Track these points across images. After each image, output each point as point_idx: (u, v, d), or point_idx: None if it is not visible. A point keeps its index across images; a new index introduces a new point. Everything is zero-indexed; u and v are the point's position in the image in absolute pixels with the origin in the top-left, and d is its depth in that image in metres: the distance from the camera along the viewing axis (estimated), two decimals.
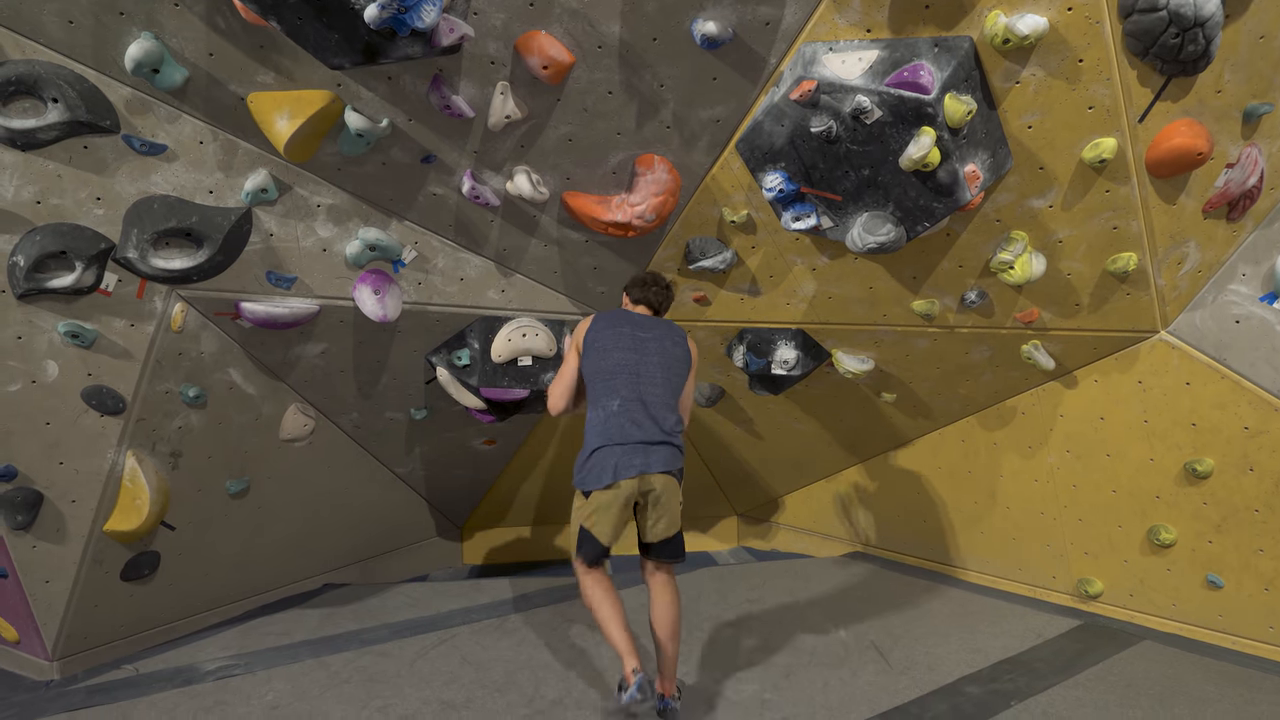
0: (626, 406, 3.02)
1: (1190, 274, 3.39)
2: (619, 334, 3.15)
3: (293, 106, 3.00)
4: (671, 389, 3.13)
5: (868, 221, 3.17)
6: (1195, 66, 2.73)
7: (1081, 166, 3.01)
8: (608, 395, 3.07)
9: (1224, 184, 3.13)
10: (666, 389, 3.11)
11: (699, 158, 3.32)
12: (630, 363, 3.09)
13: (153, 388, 3.46)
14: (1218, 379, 3.47)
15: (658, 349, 3.15)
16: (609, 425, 3.01)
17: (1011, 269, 3.31)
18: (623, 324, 3.19)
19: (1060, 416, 4.02)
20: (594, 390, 3.13)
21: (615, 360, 3.09)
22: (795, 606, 4.29)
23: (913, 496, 4.90)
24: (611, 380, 3.07)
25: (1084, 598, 4.18)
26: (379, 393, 4.27)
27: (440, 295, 3.80)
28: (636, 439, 2.98)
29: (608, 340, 3.14)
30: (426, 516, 5.59)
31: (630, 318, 3.24)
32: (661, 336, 3.19)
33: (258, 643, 3.94)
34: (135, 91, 2.94)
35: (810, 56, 2.91)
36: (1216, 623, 3.75)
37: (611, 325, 3.19)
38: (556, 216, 3.57)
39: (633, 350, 3.12)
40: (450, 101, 3.04)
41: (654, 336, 3.18)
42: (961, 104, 2.74)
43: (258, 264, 3.43)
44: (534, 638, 3.91)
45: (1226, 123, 2.98)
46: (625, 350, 3.12)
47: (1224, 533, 3.63)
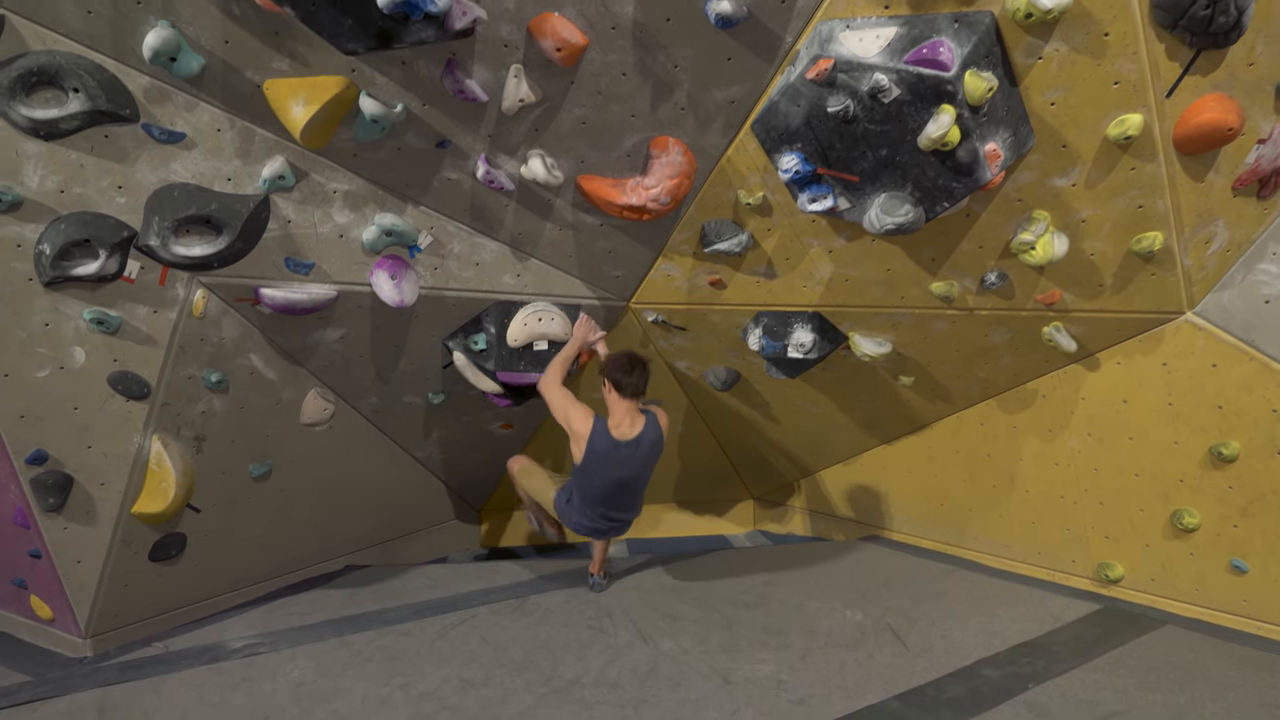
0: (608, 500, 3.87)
1: (1218, 253, 3.32)
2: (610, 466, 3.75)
3: (308, 93, 3.01)
4: (644, 483, 3.96)
5: (885, 202, 3.13)
6: (1226, 39, 2.66)
7: (1106, 144, 2.94)
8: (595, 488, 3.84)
9: (1255, 160, 3.06)
10: (640, 484, 3.94)
11: (714, 139, 3.29)
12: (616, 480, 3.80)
13: (176, 373, 3.52)
14: (1245, 361, 3.40)
15: (642, 466, 3.81)
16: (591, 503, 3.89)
17: (1033, 249, 3.26)
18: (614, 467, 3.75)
19: (1082, 399, 3.97)
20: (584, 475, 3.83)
21: (605, 479, 3.78)
22: (811, 589, 4.30)
23: (930, 480, 4.87)
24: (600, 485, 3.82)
25: (1104, 582, 4.14)
26: (397, 377, 4.31)
27: (456, 280, 3.81)
28: (611, 519, 3.96)
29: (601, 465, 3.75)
30: (445, 500, 5.65)
31: (619, 458, 3.72)
32: (644, 457, 3.78)
33: (282, 622, 4.02)
34: (153, 80, 2.96)
35: (827, 34, 2.87)
36: (1240, 607, 3.71)
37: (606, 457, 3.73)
38: (571, 200, 3.57)
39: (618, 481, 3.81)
40: (464, 85, 3.03)
41: (639, 462, 3.77)
42: (982, 81, 2.69)
43: (276, 250, 3.46)
44: (551, 618, 3.96)
45: (1258, 97, 2.90)
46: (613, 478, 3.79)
47: (1250, 517, 3.57)
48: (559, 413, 3.80)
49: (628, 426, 3.70)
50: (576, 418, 3.74)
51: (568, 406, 3.78)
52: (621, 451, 3.71)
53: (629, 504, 3.96)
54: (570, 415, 3.76)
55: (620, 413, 3.70)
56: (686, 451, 5.60)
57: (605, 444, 3.70)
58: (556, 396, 3.82)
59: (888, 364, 4.28)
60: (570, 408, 3.77)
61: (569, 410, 3.77)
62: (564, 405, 3.79)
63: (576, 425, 3.74)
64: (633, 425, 3.72)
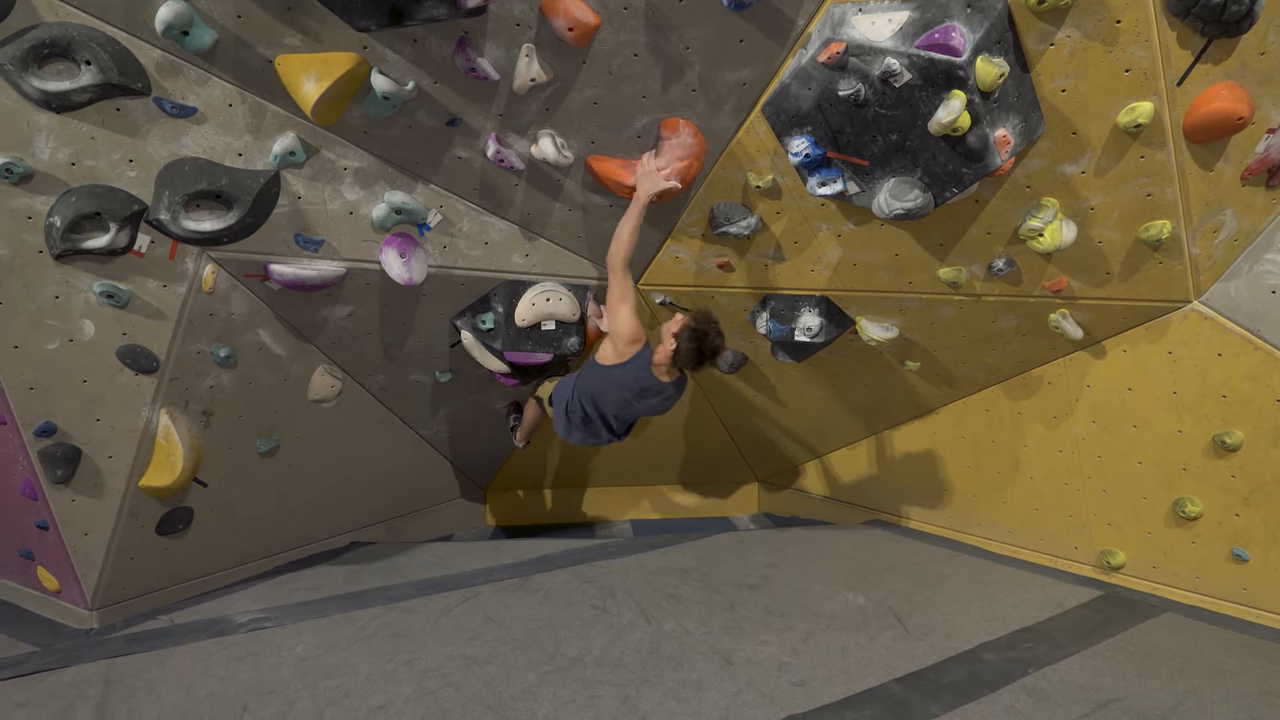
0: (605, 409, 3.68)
1: (1226, 243, 3.32)
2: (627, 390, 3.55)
3: (320, 69, 3.01)
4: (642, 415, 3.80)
5: (895, 187, 3.13)
6: (1239, 27, 2.64)
7: (1116, 131, 2.94)
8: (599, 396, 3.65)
9: (1265, 150, 3.05)
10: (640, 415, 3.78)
11: (725, 121, 3.29)
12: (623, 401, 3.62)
13: (185, 347, 3.54)
14: (1251, 350, 3.40)
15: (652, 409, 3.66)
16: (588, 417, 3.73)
17: (1041, 236, 3.26)
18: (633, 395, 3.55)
19: (1087, 387, 3.98)
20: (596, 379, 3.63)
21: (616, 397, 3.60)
22: (814, 572, 4.33)
23: (935, 465, 4.89)
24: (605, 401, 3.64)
25: (1106, 569, 4.17)
26: (405, 355, 4.33)
27: (465, 259, 3.82)
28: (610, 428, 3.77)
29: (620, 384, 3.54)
30: (451, 478, 5.69)
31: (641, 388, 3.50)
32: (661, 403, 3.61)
33: (287, 597, 4.06)
34: (165, 54, 2.96)
35: (839, 18, 2.86)
36: (1241, 596, 3.73)
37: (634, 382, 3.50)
38: (581, 181, 3.57)
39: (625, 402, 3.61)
40: (475, 64, 3.03)
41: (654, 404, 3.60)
42: (994, 67, 2.68)
43: (286, 226, 3.47)
44: (555, 597, 3.99)
45: (1270, 86, 2.89)
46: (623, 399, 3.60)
47: (1252, 506, 3.59)
48: (619, 309, 3.43)
49: (664, 373, 3.46)
50: (626, 328, 3.41)
51: (624, 310, 3.42)
52: (646, 384, 3.49)
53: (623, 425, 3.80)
54: (620, 317, 3.42)
55: (663, 359, 3.40)
56: (692, 434, 5.62)
57: (638, 371, 3.47)
58: (618, 289, 3.43)
59: (894, 349, 4.29)
60: (626, 311, 3.42)
61: (622, 313, 3.42)
62: (620, 304, 3.42)
63: (624, 333, 3.42)
64: (668, 374, 3.47)
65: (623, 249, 3.38)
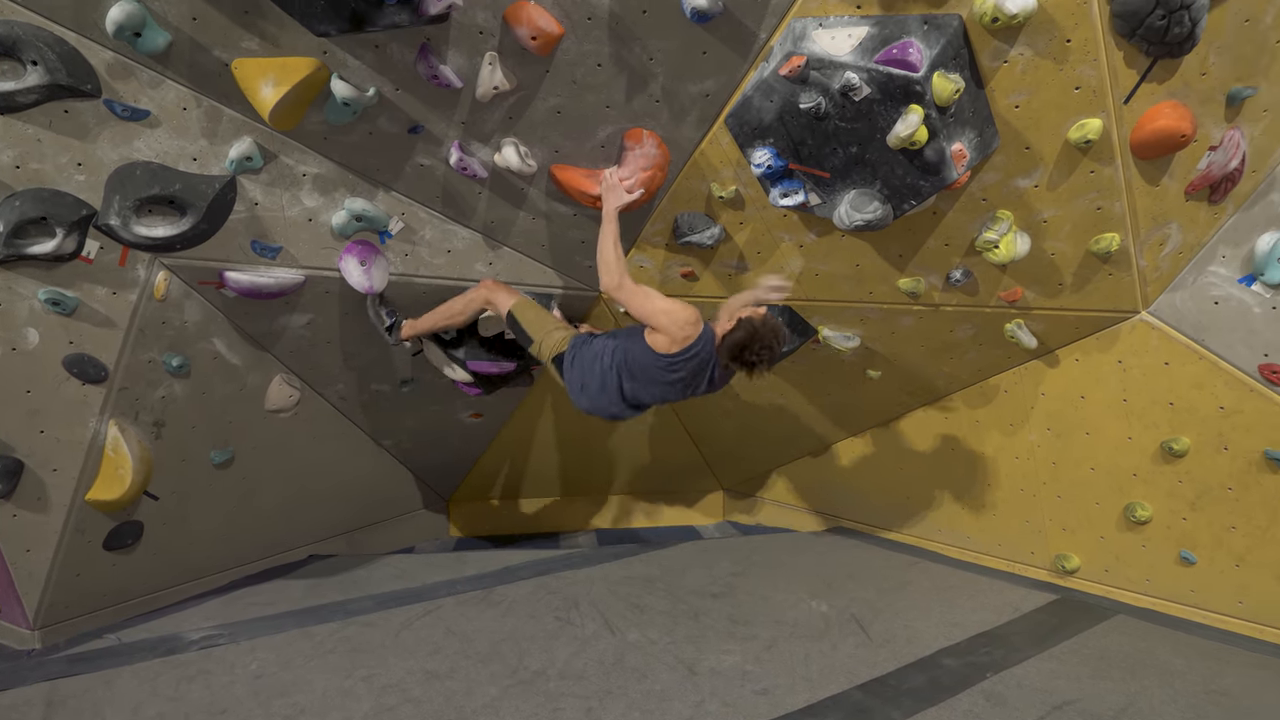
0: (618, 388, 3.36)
1: (1172, 255, 3.43)
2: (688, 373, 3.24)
3: (278, 73, 2.96)
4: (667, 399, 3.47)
5: (855, 199, 3.18)
6: (1181, 48, 2.74)
7: (1067, 147, 3.02)
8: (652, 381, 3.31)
9: (1206, 166, 3.16)
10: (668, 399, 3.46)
11: (688, 132, 3.31)
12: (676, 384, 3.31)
13: (135, 356, 3.44)
14: (1196, 359, 3.52)
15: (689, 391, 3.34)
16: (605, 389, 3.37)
17: (996, 248, 3.34)
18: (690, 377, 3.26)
19: (1041, 395, 4.07)
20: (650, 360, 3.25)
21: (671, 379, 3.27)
22: (778, 580, 4.35)
23: (896, 472, 4.96)
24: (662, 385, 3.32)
25: (1061, 573, 4.26)
26: (365, 365, 4.26)
27: (427, 267, 3.78)
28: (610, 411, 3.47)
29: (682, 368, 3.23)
30: (413, 489, 5.61)
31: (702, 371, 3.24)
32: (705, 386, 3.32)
33: (242, 613, 3.96)
34: (117, 55, 2.89)
35: (800, 32, 2.90)
36: (1188, 598, 3.84)
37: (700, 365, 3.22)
38: (545, 189, 3.56)
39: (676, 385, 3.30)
40: (438, 71, 3.01)
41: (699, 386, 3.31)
42: (950, 82, 2.74)
43: (242, 233, 3.40)
44: (518, 609, 3.95)
45: (1210, 105, 3.00)
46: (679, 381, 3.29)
47: (1198, 510, 3.70)
48: (656, 310, 3.17)
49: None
50: (686, 314, 3.14)
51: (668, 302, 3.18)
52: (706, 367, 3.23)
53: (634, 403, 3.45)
54: (675, 311, 3.14)
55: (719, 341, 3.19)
56: (657, 442, 5.62)
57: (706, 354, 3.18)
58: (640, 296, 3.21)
59: (856, 358, 4.34)
60: (672, 304, 3.18)
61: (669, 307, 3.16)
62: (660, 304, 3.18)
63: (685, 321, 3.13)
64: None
65: (613, 267, 3.26)
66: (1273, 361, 3.35)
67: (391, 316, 3.85)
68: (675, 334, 3.13)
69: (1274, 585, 3.58)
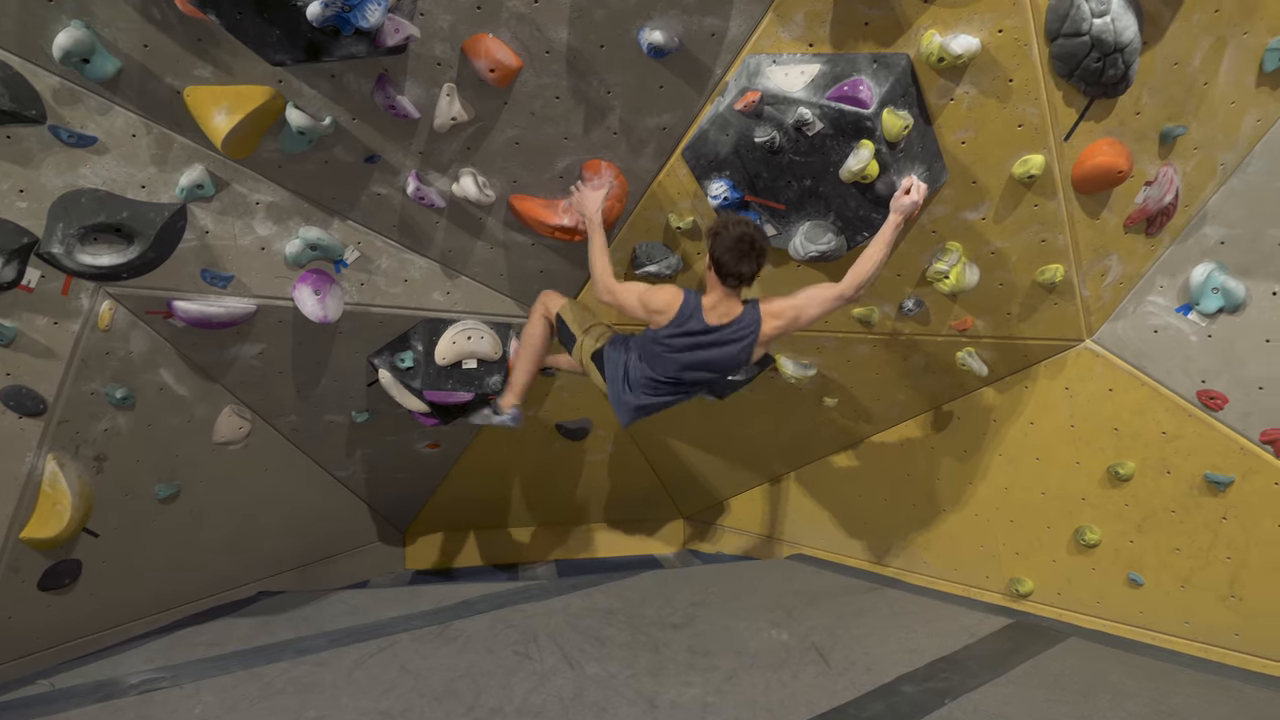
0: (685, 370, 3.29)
1: (1113, 285, 3.56)
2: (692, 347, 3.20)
3: (232, 101, 2.93)
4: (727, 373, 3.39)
5: (810, 230, 3.24)
6: (1116, 89, 2.86)
7: (1012, 181, 3.12)
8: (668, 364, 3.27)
9: (1143, 201, 3.29)
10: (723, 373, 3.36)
11: (645, 164, 3.35)
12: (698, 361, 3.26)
13: (77, 388, 3.33)
14: (1138, 386, 3.64)
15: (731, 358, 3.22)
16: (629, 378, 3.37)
17: (946, 278, 3.42)
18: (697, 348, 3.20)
19: (993, 421, 4.16)
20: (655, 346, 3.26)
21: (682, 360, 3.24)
22: (739, 609, 4.34)
23: (854, 499, 5.00)
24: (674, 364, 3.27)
25: (1015, 596, 4.32)
26: (319, 395, 4.18)
27: (383, 296, 3.75)
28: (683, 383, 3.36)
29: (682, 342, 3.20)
30: (367, 521, 5.49)
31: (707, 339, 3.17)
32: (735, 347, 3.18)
33: (186, 654, 3.80)
34: (64, 81, 2.83)
35: (755, 68, 2.97)
36: (1137, 619, 3.93)
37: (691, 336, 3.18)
38: (503, 219, 3.56)
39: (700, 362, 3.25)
40: (395, 101, 3.01)
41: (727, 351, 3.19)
42: (899, 119, 2.83)
43: (192, 262, 3.33)
44: (475, 644, 3.87)
45: (1145, 143, 3.14)
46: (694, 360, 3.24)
47: (1144, 532, 3.80)
48: (636, 307, 3.20)
49: (724, 310, 3.13)
50: (660, 300, 3.16)
51: (643, 295, 3.18)
52: (710, 334, 3.15)
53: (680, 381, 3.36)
54: (650, 301, 3.17)
55: (717, 295, 3.12)
56: (616, 471, 5.60)
57: (696, 323, 3.14)
58: (626, 293, 3.22)
59: (813, 386, 4.40)
60: (647, 295, 3.18)
61: (646, 298, 3.18)
62: (639, 296, 3.18)
63: (660, 306, 3.16)
64: (729, 311, 3.13)
65: (602, 275, 3.26)
66: (1210, 387, 3.48)
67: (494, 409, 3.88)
68: (658, 313, 3.16)
69: (1217, 605, 3.69)
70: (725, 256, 2.97)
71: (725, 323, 3.13)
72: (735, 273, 2.99)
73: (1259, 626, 3.61)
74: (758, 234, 2.98)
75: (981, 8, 2.68)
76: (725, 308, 3.12)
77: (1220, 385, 3.46)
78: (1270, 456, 3.42)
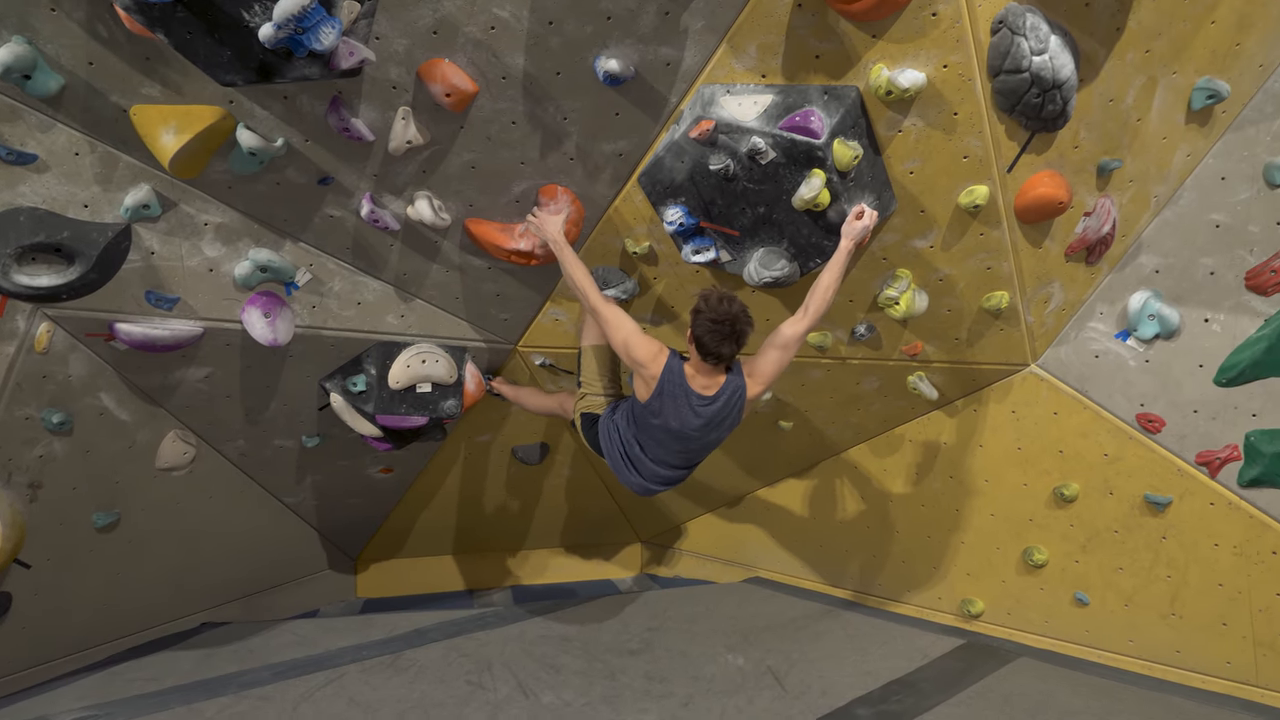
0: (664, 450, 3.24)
1: (1055, 312, 3.67)
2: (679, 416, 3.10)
3: (180, 121, 2.88)
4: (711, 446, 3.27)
5: (764, 256, 3.29)
6: (1055, 124, 2.98)
7: (958, 211, 3.22)
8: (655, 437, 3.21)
9: (1082, 230, 3.42)
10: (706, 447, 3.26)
11: (602, 189, 3.37)
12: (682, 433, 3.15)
13: (10, 413, 3.21)
14: (1081, 409, 3.75)
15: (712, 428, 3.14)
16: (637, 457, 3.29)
17: (897, 304, 3.50)
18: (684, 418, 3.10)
19: (944, 444, 4.24)
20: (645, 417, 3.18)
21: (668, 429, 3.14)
22: (695, 634, 4.32)
23: (809, 522, 5.04)
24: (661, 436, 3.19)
25: (967, 617, 4.39)
26: (268, 419, 4.08)
27: (336, 319, 3.69)
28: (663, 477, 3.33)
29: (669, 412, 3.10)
30: (318, 548, 5.35)
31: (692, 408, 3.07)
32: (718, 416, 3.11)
33: (122, 690, 3.65)
34: (3, 97, 2.75)
35: (709, 97, 3.02)
36: (1084, 638, 4.01)
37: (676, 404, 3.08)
38: (459, 243, 3.54)
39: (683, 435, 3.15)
40: (349, 124, 2.99)
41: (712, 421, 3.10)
42: (849, 149, 2.89)
43: (136, 283, 3.25)
44: (427, 674, 3.79)
45: (1083, 175, 3.26)
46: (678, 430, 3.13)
47: (1089, 552, 3.90)
48: (618, 344, 3.13)
49: (706, 381, 3.07)
50: (643, 353, 3.06)
51: (630, 336, 3.09)
52: (695, 403, 3.06)
53: (684, 461, 3.30)
54: (633, 348, 3.07)
55: (696, 364, 3.06)
56: (574, 495, 5.56)
57: (679, 391, 3.04)
58: (612, 317, 3.12)
59: (768, 409, 4.44)
60: (633, 338, 3.09)
61: (631, 341, 3.08)
62: (624, 333, 3.09)
63: (642, 360, 3.06)
64: (711, 381, 3.07)
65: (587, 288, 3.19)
66: (1148, 411, 3.60)
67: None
68: (643, 372, 3.07)
69: (1159, 624, 3.79)
70: (706, 338, 2.93)
71: (711, 393, 3.07)
72: (714, 353, 2.95)
73: (1198, 643, 3.72)
74: (740, 315, 2.93)
75: (927, 44, 2.77)
76: (707, 380, 3.07)
77: (1158, 408, 3.59)
78: (1205, 477, 3.55)
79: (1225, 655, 3.67)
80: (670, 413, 3.09)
